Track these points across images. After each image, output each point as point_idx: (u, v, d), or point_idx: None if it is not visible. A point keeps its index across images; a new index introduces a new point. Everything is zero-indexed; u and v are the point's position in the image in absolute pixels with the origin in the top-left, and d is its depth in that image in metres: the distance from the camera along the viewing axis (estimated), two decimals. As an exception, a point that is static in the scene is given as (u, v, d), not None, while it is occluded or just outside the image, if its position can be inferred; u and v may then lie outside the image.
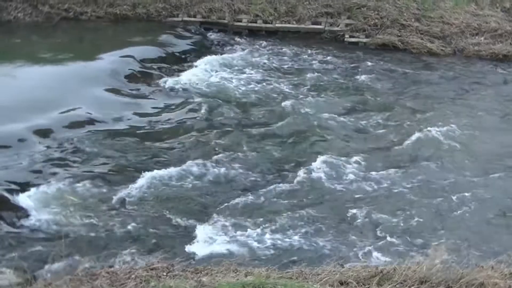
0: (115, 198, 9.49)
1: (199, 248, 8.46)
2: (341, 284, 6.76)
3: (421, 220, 9.34)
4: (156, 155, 10.90)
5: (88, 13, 18.51)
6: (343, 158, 10.95)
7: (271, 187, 10.06)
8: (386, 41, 17.23)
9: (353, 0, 18.29)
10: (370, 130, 12.33)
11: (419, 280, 6.67)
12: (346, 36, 17.76)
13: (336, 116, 12.69)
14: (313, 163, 10.68)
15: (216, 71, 15.07)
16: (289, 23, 18.21)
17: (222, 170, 10.43)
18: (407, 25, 17.56)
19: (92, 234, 8.63)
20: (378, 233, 8.98)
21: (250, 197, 9.73)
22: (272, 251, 8.47)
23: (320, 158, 10.80)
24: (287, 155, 11.17)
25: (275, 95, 13.87)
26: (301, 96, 13.81)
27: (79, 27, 18.03)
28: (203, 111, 12.78)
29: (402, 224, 9.20)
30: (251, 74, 15.07)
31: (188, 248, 8.45)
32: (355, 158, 11.04)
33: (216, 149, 11.13)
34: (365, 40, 17.54)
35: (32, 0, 18.55)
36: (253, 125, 12.29)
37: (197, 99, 13.31)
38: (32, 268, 7.57)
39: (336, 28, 17.95)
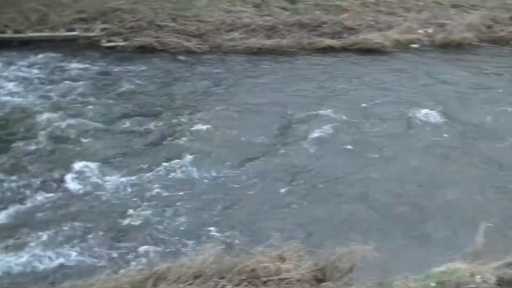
0: None
1: None
2: (117, 291, 6.80)
3: (192, 217, 9.50)
4: None
5: None
6: (105, 165, 10.92)
7: (36, 197, 9.85)
8: (144, 43, 17.11)
9: (108, 4, 17.97)
10: (136, 133, 12.26)
11: (193, 276, 6.98)
12: (103, 41, 17.38)
13: (98, 124, 12.50)
14: (73, 173, 10.58)
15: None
16: (42, 31, 17.45)
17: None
18: (164, 25, 17.58)
19: None
20: (150, 235, 9.03)
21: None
22: (41, 267, 8.24)
23: (81, 167, 10.72)
24: (46, 167, 10.83)
25: (27, 108, 13.21)
26: (57, 108, 13.30)
27: None
28: None
29: (171, 225, 9.32)
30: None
31: None
32: (121, 163, 11.04)
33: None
34: (122, 43, 17.28)
35: None
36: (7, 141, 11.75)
37: None
38: None
39: (91, 34, 17.46)
